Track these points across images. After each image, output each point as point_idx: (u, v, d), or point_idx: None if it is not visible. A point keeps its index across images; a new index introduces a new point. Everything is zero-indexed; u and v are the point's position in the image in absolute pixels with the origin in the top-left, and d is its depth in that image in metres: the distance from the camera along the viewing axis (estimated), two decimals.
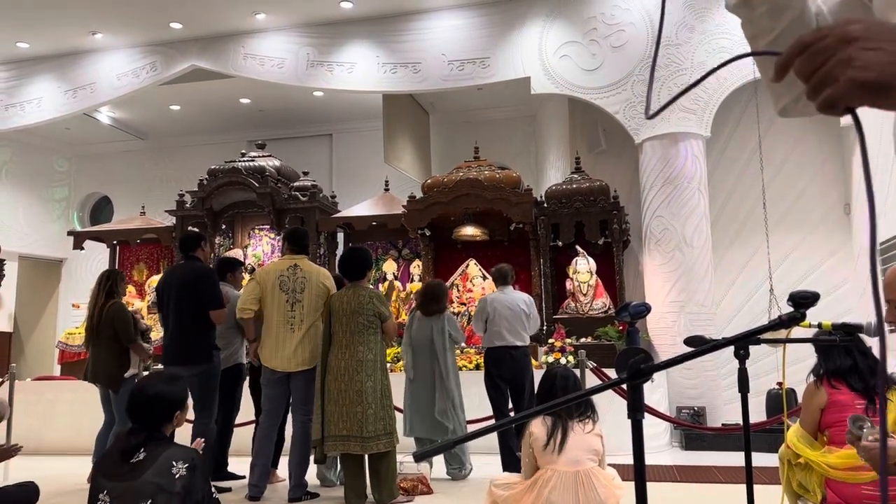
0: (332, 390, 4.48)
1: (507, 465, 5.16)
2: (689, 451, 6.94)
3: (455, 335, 5.57)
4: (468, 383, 5.95)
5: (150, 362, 6.59)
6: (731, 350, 2.51)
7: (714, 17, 8.08)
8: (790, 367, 3.20)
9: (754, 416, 4.33)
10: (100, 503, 2.29)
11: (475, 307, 6.25)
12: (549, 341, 7.38)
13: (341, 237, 10.01)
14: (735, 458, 5.88)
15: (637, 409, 1.16)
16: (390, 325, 4.71)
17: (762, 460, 4.75)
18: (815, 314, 1.96)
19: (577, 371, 4.65)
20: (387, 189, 9.91)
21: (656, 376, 5.68)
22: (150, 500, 2.24)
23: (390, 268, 9.24)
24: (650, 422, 6.03)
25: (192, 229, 8.78)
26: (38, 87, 10.22)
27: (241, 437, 5.77)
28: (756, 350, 6.85)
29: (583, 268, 7.88)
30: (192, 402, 4.75)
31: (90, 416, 6.20)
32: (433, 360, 5.47)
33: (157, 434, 2.41)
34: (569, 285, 7.98)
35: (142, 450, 2.34)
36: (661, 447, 6.97)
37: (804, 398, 3.16)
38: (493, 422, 5.51)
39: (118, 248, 10.49)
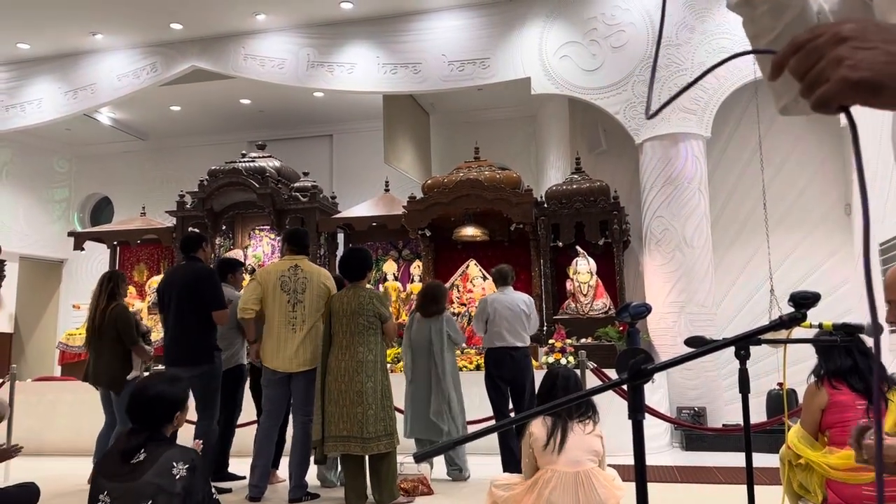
0: (332, 391, 4.48)
1: (508, 466, 5.15)
2: (689, 452, 6.93)
3: (454, 336, 5.56)
4: (468, 384, 5.95)
5: (150, 364, 6.59)
6: (732, 350, 2.50)
7: (714, 18, 8.08)
8: (791, 367, 3.20)
9: (755, 417, 4.33)
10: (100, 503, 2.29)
11: (475, 308, 6.25)
12: (550, 342, 7.38)
13: (341, 238, 10.02)
14: (736, 459, 5.87)
15: (638, 410, 1.16)
16: (390, 326, 4.70)
17: (763, 461, 4.75)
18: (815, 314, 1.96)
19: (577, 371, 4.65)
20: (387, 189, 9.91)
21: (657, 377, 5.68)
22: (150, 501, 2.24)
23: (390, 268, 9.24)
24: (651, 422, 6.03)
25: (192, 230, 8.78)
26: (39, 88, 10.23)
27: (242, 437, 5.77)
28: (757, 350, 6.86)
29: (583, 268, 7.88)
30: (194, 403, 4.76)
31: (91, 417, 6.20)
32: (431, 362, 5.47)
33: (157, 435, 2.41)
34: (569, 286, 7.98)
35: (142, 450, 2.34)
36: (662, 448, 6.97)
37: (805, 399, 3.16)
38: (494, 423, 5.51)
39: (118, 248, 10.50)
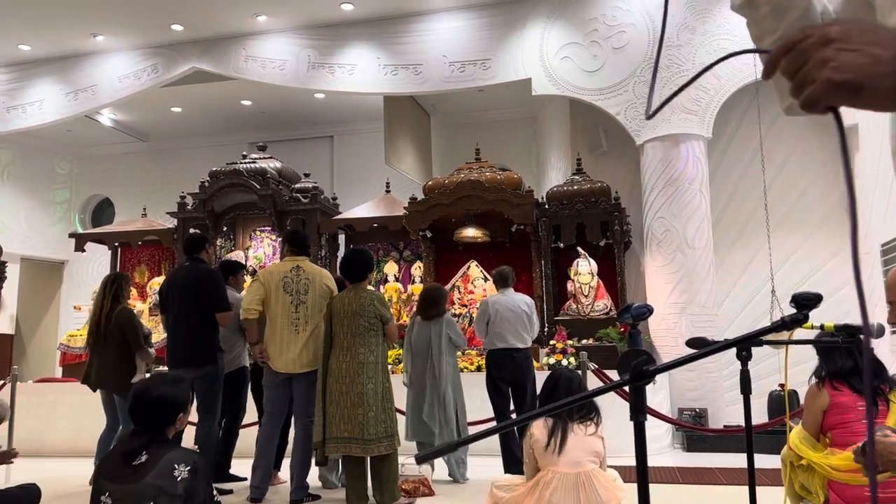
0: (333, 392, 4.48)
1: (509, 467, 5.15)
2: (690, 453, 6.93)
3: (455, 339, 5.56)
4: (469, 385, 5.94)
5: (152, 366, 6.58)
6: (734, 352, 2.50)
7: (715, 19, 8.08)
8: (792, 368, 3.20)
9: (756, 418, 4.32)
10: None
11: (477, 310, 6.25)
12: (551, 343, 7.37)
13: (342, 239, 10.02)
14: (737, 460, 5.86)
15: (639, 411, 1.16)
16: (392, 328, 4.70)
17: (764, 462, 4.74)
18: (817, 315, 1.96)
19: (579, 373, 4.64)
20: (388, 191, 9.91)
21: (658, 378, 5.66)
22: (151, 503, 2.24)
23: (391, 269, 9.24)
24: (652, 423, 6.02)
25: (194, 231, 8.79)
26: (40, 90, 10.24)
27: (244, 438, 5.76)
28: (758, 352, 6.85)
29: (584, 269, 7.88)
30: (196, 404, 4.75)
31: (91, 419, 6.20)
32: (429, 364, 5.47)
33: (159, 436, 2.40)
34: (570, 287, 7.98)
35: (144, 452, 2.34)
36: (663, 449, 6.96)
37: (806, 400, 3.16)
38: (495, 424, 5.51)
39: (119, 249, 10.51)
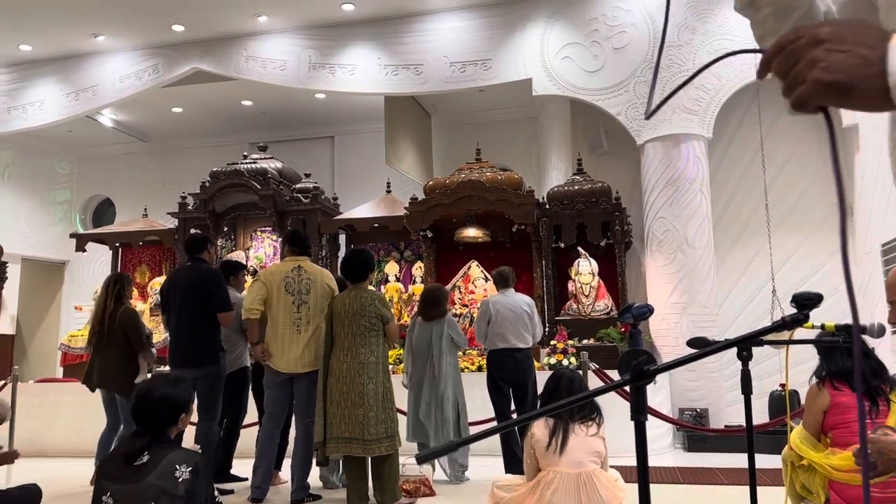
0: (333, 392, 4.48)
1: (510, 467, 5.15)
2: (691, 453, 6.92)
3: (457, 339, 5.57)
4: (470, 385, 5.95)
5: (153, 366, 6.59)
6: (734, 352, 2.50)
7: (715, 19, 8.07)
8: (793, 368, 3.20)
9: (757, 418, 4.32)
10: None
11: (477, 310, 6.25)
12: (552, 343, 7.37)
13: (343, 239, 10.02)
14: (738, 460, 5.86)
15: (640, 411, 1.16)
16: (392, 328, 4.70)
17: (765, 462, 4.74)
18: (818, 315, 1.96)
19: (580, 373, 4.64)
20: (388, 191, 9.91)
21: (659, 378, 5.67)
22: (152, 503, 2.24)
23: (392, 269, 9.24)
24: (653, 423, 6.02)
25: (196, 231, 8.80)
26: (41, 90, 10.24)
27: (244, 439, 5.77)
28: (759, 352, 6.85)
29: (585, 269, 7.88)
30: (196, 403, 4.76)
31: (92, 419, 6.21)
32: (429, 364, 5.48)
33: (161, 437, 2.41)
34: (571, 287, 7.98)
35: (146, 453, 2.34)
36: (664, 449, 6.96)
37: (807, 400, 3.16)
38: (495, 424, 5.51)
39: (120, 250, 10.51)
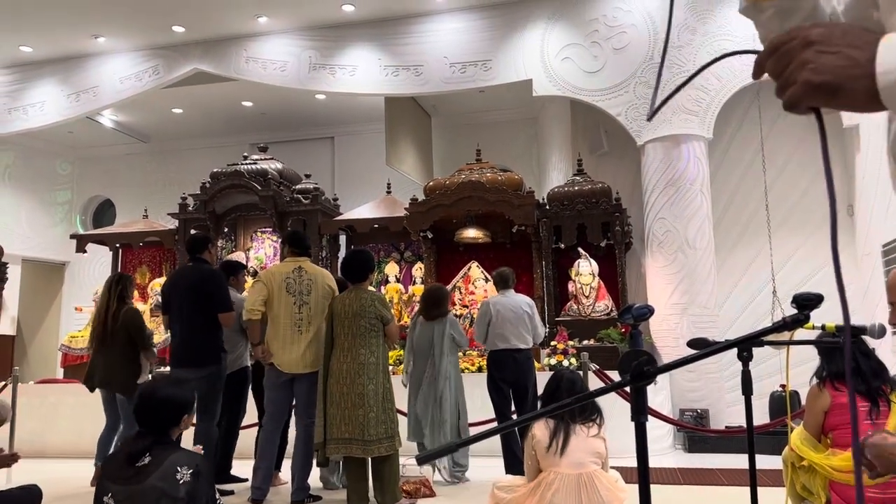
0: (333, 393, 4.48)
1: (510, 468, 5.15)
2: (692, 454, 6.93)
3: (458, 338, 5.57)
4: (470, 385, 5.95)
5: (154, 366, 6.59)
6: (735, 352, 2.50)
7: (716, 19, 8.06)
8: (793, 369, 3.20)
9: (758, 419, 4.32)
10: None
11: (477, 311, 6.25)
12: (552, 343, 7.37)
13: (343, 240, 10.02)
14: (738, 461, 5.86)
15: (640, 412, 1.16)
16: (392, 328, 4.70)
17: (766, 463, 4.74)
18: (818, 316, 1.96)
19: (581, 374, 4.64)
20: (389, 191, 9.91)
21: (659, 379, 5.67)
22: None
23: (392, 270, 9.24)
24: (653, 424, 6.02)
25: (196, 232, 8.79)
26: (41, 91, 10.25)
27: (244, 439, 5.77)
28: (759, 352, 6.84)
29: (585, 270, 7.87)
30: (196, 403, 4.76)
31: (93, 420, 6.21)
32: (429, 364, 5.48)
33: (163, 438, 2.41)
34: (571, 287, 7.98)
35: (147, 454, 2.34)
36: (665, 450, 6.96)
37: (807, 401, 3.16)
38: (496, 425, 5.51)
39: (121, 251, 10.52)
